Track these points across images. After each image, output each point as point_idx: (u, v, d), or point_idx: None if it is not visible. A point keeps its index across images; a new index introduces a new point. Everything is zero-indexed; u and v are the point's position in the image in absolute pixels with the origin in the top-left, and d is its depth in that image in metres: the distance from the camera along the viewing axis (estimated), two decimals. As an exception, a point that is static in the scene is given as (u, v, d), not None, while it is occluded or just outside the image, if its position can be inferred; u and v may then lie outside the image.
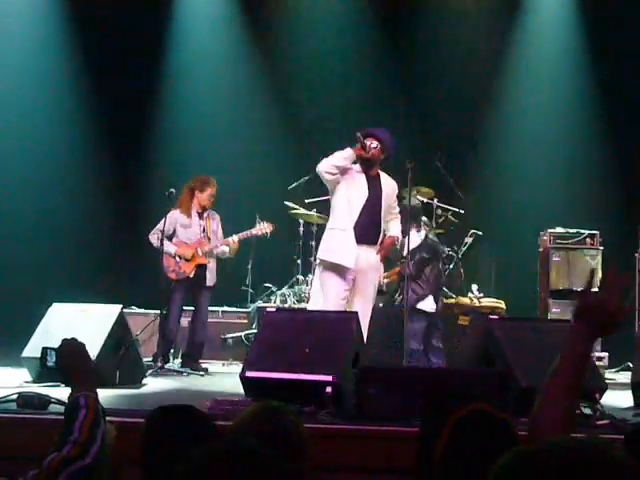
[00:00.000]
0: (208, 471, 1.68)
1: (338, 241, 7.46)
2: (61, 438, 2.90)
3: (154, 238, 8.85)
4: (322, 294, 7.48)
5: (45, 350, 4.54)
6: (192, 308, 9.16)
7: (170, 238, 8.92)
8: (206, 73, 11.68)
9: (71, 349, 3.16)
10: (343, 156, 7.43)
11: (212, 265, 8.99)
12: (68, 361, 3.13)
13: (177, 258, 8.83)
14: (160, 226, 8.83)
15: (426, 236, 9.17)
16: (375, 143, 7.53)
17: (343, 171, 7.47)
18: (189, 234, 8.95)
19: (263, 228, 9.00)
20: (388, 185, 7.67)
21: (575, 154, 11.12)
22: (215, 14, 11.83)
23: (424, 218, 9.30)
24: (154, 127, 11.34)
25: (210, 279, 8.96)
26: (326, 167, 7.44)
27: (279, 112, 11.49)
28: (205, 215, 9.04)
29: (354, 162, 7.52)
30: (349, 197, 7.49)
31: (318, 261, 7.69)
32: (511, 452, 1.41)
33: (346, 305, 7.43)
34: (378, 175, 7.64)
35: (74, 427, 2.90)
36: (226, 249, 9.00)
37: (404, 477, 3.94)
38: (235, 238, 8.95)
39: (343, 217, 7.49)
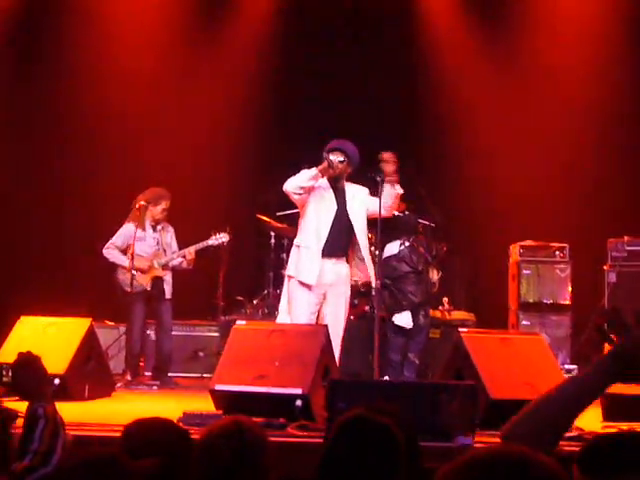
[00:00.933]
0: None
1: (303, 258, 7.49)
2: (21, 448, 2.92)
3: (108, 252, 8.82)
4: (291, 308, 7.49)
5: (0, 367, 4.49)
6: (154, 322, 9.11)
7: (125, 252, 8.86)
8: (169, 78, 11.60)
9: (26, 363, 3.15)
10: (308, 176, 7.42)
11: (169, 278, 8.93)
12: (24, 374, 3.13)
13: (133, 271, 8.76)
14: (114, 240, 8.81)
15: (405, 249, 9.15)
16: (342, 157, 7.54)
17: (309, 189, 7.49)
18: (144, 247, 8.88)
19: (219, 238, 8.93)
20: (356, 194, 7.66)
21: (545, 168, 11.17)
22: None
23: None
24: (120, 135, 11.25)
25: (168, 291, 8.91)
26: (292, 188, 7.46)
27: (251, 121, 11.46)
28: (159, 228, 8.98)
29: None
30: (318, 214, 7.53)
31: (287, 276, 7.71)
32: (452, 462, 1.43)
33: (315, 320, 7.42)
34: (344, 187, 7.66)
35: (34, 437, 2.92)
36: (183, 261, 8.92)
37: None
38: (192, 249, 8.88)
39: (309, 234, 7.52)
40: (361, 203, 7.65)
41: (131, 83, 11.37)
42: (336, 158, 7.51)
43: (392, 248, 9.15)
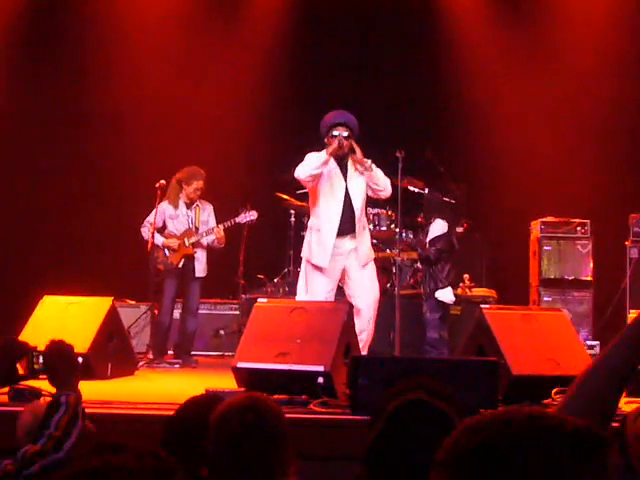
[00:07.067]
0: None
1: (314, 241, 7.49)
2: (38, 431, 2.96)
3: (143, 231, 8.84)
4: (308, 289, 7.48)
5: (31, 353, 4.49)
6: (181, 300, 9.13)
7: (162, 230, 8.90)
8: (188, 59, 11.58)
9: (59, 352, 3.18)
10: (320, 162, 7.35)
11: (200, 255, 8.91)
12: (56, 364, 3.16)
13: (165, 250, 8.80)
14: (150, 218, 8.82)
15: (451, 227, 9.19)
16: (346, 132, 7.45)
17: (321, 174, 7.44)
18: (177, 225, 8.91)
19: (247, 216, 8.93)
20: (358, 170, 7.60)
21: (566, 144, 11.10)
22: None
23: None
24: (144, 115, 11.26)
25: (199, 270, 8.90)
26: (304, 176, 7.42)
27: (271, 98, 11.45)
28: (194, 206, 8.98)
29: None
30: (327, 195, 7.47)
31: (303, 258, 7.71)
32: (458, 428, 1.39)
33: (333, 297, 7.44)
34: (347, 163, 7.56)
35: (51, 422, 2.96)
36: (214, 240, 8.90)
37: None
38: (220, 227, 8.89)
39: (320, 216, 7.50)
40: (362, 179, 7.57)
41: (149, 66, 11.38)
42: (341, 133, 7.42)
43: (440, 227, 9.11)
